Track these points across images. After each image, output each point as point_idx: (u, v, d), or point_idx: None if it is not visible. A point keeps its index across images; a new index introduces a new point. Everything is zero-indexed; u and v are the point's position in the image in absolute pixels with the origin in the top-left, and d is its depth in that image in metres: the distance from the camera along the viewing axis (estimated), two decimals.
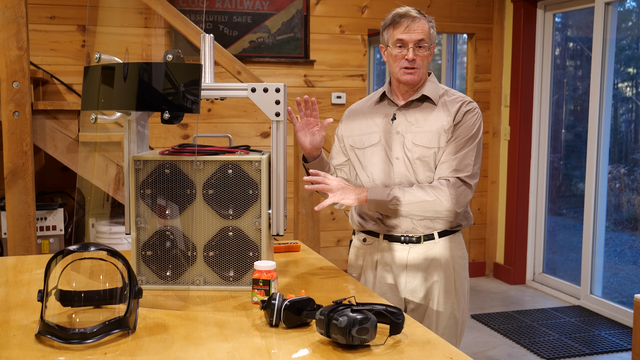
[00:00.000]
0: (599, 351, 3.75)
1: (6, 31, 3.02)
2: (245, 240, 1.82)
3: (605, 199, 4.48)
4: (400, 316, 1.47)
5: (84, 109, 1.77)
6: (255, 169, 1.80)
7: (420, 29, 2.03)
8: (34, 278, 1.94)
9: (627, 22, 4.66)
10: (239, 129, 4.61)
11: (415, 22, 2.03)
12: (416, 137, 2.07)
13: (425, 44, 2.04)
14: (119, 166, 3.33)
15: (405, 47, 2.04)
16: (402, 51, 2.04)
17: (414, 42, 2.03)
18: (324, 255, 2.51)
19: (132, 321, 1.48)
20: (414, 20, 2.03)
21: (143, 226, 1.81)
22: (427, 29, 2.05)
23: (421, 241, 2.10)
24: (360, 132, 2.16)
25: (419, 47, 2.04)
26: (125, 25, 4.29)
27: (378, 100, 2.17)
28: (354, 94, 4.82)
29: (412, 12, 2.06)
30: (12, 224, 3.08)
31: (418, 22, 2.04)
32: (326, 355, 1.36)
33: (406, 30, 2.03)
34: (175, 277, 1.83)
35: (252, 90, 1.81)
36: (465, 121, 2.05)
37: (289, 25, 4.66)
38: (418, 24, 2.03)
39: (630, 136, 4.72)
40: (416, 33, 2.03)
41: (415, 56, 2.03)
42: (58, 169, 4.18)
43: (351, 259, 2.26)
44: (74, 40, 4.24)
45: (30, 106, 3.10)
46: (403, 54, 2.04)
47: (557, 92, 5.06)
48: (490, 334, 4.05)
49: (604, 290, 4.56)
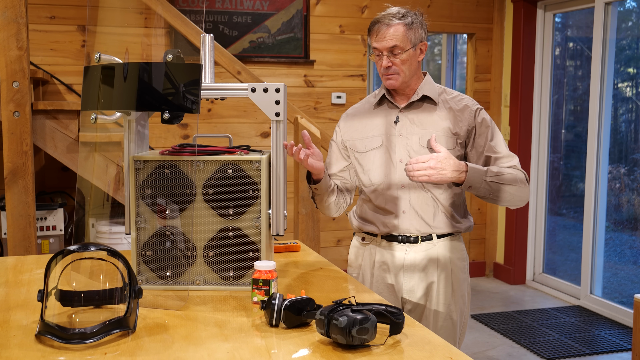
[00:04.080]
0: (599, 351, 3.75)
1: (6, 31, 3.02)
2: (245, 240, 1.82)
3: (605, 199, 4.48)
4: (400, 316, 1.47)
5: (84, 109, 1.77)
6: (255, 169, 1.80)
7: (391, 36, 1.99)
8: (34, 278, 1.94)
9: (627, 22, 4.66)
10: (239, 129, 4.61)
11: (388, 28, 1.99)
12: (423, 139, 2.06)
13: (399, 50, 2.00)
14: (119, 166, 3.33)
15: (380, 55, 2.03)
16: (379, 58, 2.04)
17: (386, 50, 2.01)
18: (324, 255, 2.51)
19: (132, 321, 1.47)
20: (387, 26, 2.00)
21: (143, 226, 1.81)
22: (400, 34, 1.99)
23: (419, 241, 2.10)
24: (361, 135, 2.15)
25: (393, 54, 2.01)
26: (125, 25, 4.29)
27: (377, 103, 2.15)
28: (354, 94, 4.81)
29: (386, 17, 2.02)
30: (12, 224, 3.08)
31: (391, 28, 1.99)
32: (326, 355, 1.36)
33: (378, 38, 2.01)
34: (175, 277, 1.83)
35: (252, 90, 1.81)
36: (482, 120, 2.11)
37: (289, 25, 4.66)
38: (389, 30, 1.99)
39: (630, 136, 4.72)
40: (386, 40, 2.00)
41: (389, 63, 2.01)
42: (58, 169, 4.18)
43: (350, 259, 2.26)
44: (74, 40, 4.24)
45: (30, 106, 3.10)
46: (379, 61, 2.04)
47: (557, 92, 5.06)
48: (490, 334, 4.05)
49: (604, 290, 4.56)
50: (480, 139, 2.09)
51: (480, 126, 2.09)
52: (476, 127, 2.09)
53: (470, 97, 2.15)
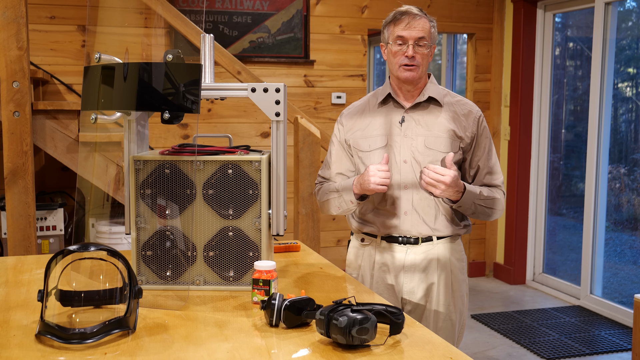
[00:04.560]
0: (599, 351, 3.75)
1: (6, 31, 3.02)
2: (245, 240, 1.82)
3: (605, 199, 4.48)
4: (400, 316, 1.47)
5: (84, 109, 1.77)
6: (255, 169, 1.80)
7: (420, 27, 2.03)
8: (34, 278, 1.94)
9: (627, 22, 4.66)
10: (239, 129, 4.61)
11: (416, 19, 2.03)
12: (428, 140, 2.06)
13: (426, 42, 2.04)
14: (119, 166, 3.33)
15: (405, 44, 2.03)
16: (402, 48, 2.04)
17: (414, 40, 2.02)
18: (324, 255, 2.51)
19: (132, 321, 1.47)
20: (414, 17, 2.03)
21: (143, 226, 1.81)
22: (427, 28, 2.04)
23: (419, 242, 2.10)
24: (365, 134, 2.14)
25: (419, 45, 2.03)
26: (125, 25, 4.29)
27: (382, 102, 2.15)
28: (354, 94, 4.81)
29: (413, 10, 2.06)
30: (12, 224, 3.08)
31: (419, 20, 2.04)
32: (326, 355, 1.36)
33: (407, 27, 2.03)
34: (175, 277, 1.83)
35: (252, 90, 1.81)
36: (483, 129, 2.13)
37: (289, 25, 4.66)
38: (419, 22, 2.03)
39: (630, 136, 4.72)
40: (416, 30, 2.02)
41: (415, 53, 2.03)
42: (58, 169, 4.18)
43: (349, 260, 2.26)
44: (74, 40, 4.24)
45: (30, 106, 3.10)
46: (403, 50, 2.04)
47: (557, 92, 5.06)
48: (490, 334, 4.05)
49: (604, 290, 4.56)
50: (478, 151, 2.11)
51: (481, 136, 2.12)
52: (477, 136, 2.11)
53: (472, 102, 2.17)
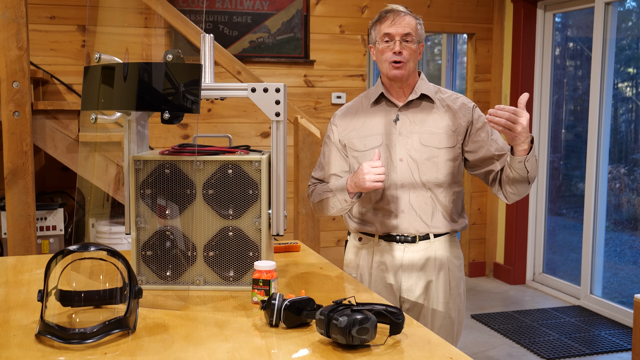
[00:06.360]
0: (599, 351, 3.75)
1: (6, 31, 3.02)
2: (245, 240, 1.82)
3: (605, 199, 4.48)
4: (400, 316, 1.47)
5: (84, 109, 1.77)
6: (255, 169, 1.80)
7: (406, 23, 2.05)
8: (34, 278, 1.94)
9: (627, 22, 4.66)
10: (239, 129, 4.61)
11: (401, 16, 2.05)
12: (423, 137, 2.07)
13: (413, 38, 2.05)
14: (119, 166, 3.33)
15: (392, 41, 2.05)
16: (390, 44, 2.05)
17: (400, 36, 2.04)
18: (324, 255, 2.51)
19: (132, 321, 1.47)
20: (399, 15, 2.06)
21: (143, 226, 1.81)
22: (413, 24, 2.06)
23: (417, 241, 2.10)
24: (360, 134, 2.14)
25: (406, 41, 2.05)
26: (125, 25, 4.29)
27: (375, 101, 2.16)
28: (354, 94, 4.81)
29: (398, 7, 2.09)
30: (12, 224, 3.08)
31: (404, 16, 2.06)
32: (326, 355, 1.36)
33: (392, 24, 2.04)
34: (175, 277, 1.83)
35: (252, 90, 1.81)
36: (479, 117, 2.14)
37: (289, 25, 4.66)
38: (404, 18, 2.05)
39: (630, 136, 4.72)
40: (402, 27, 2.04)
41: (402, 49, 2.04)
42: (58, 169, 4.18)
43: (348, 259, 2.26)
44: (74, 40, 4.24)
45: (30, 106, 3.10)
46: (390, 47, 2.05)
47: (557, 92, 5.06)
48: (490, 334, 4.05)
49: (604, 290, 4.56)
50: (482, 133, 2.11)
51: (478, 121, 2.13)
52: (474, 122, 2.12)
53: (464, 96, 2.19)
